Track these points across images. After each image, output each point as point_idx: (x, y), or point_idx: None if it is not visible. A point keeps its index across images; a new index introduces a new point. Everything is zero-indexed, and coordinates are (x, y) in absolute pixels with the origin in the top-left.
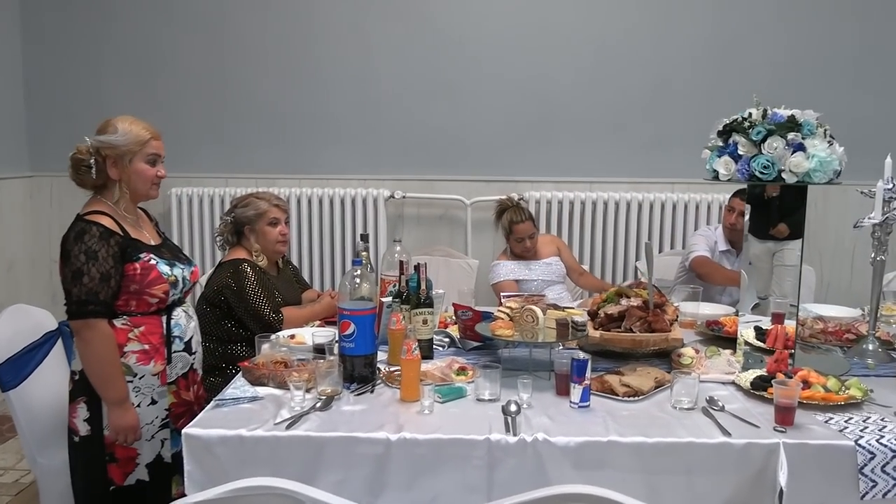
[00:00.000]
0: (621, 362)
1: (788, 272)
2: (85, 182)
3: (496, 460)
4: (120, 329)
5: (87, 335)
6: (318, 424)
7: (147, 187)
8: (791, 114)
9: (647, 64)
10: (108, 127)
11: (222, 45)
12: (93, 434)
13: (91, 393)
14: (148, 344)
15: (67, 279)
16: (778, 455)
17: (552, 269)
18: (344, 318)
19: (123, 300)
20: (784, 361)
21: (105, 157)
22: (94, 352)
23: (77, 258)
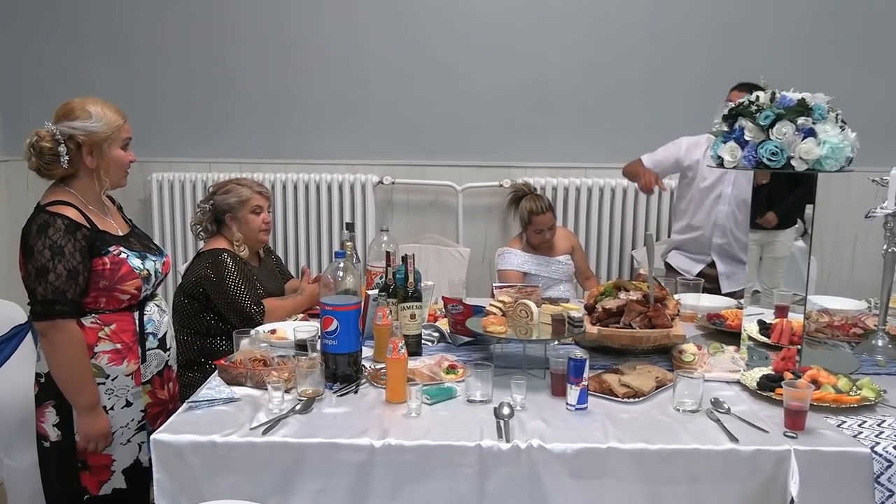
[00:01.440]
0: (620, 359)
1: (779, 264)
2: (52, 172)
3: (488, 468)
4: (89, 328)
5: (55, 337)
6: (297, 429)
7: (122, 174)
8: (801, 97)
9: (643, 47)
10: (78, 112)
11: (204, 24)
12: (63, 440)
13: (60, 397)
14: (120, 343)
15: (31, 277)
16: (789, 463)
17: (563, 268)
18: (326, 314)
19: (92, 297)
20: (791, 359)
21: (79, 144)
22: (62, 355)
23: (41, 254)
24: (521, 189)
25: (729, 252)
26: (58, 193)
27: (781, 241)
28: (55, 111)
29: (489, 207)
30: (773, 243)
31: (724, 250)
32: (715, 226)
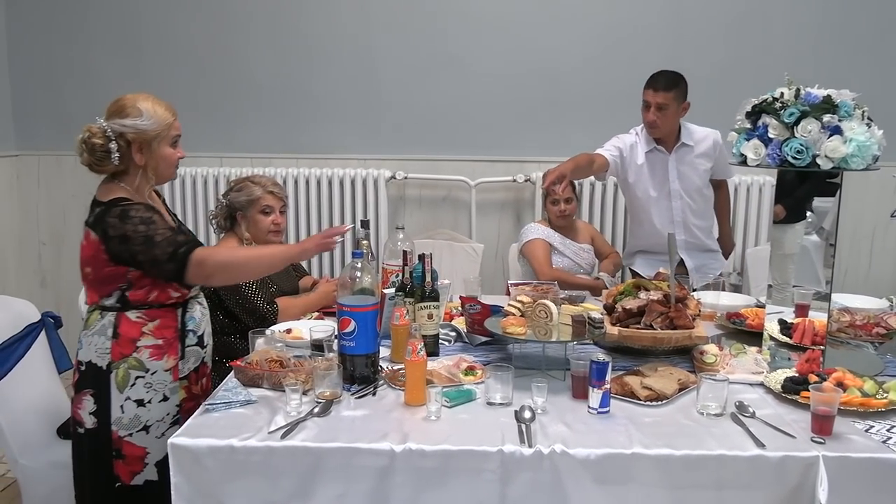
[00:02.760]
0: (640, 360)
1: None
2: (103, 168)
3: (510, 474)
4: (134, 322)
5: (210, 268)
6: (315, 433)
7: (172, 171)
8: (827, 94)
9: (658, 39)
10: (129, 109)
11: (216, 19)
12: (99, 427)
13: (99, 385)
14: (162, 339)
15: (143, 254)
16: (817, 469)
17: (585, 255)
18: (344, 315)
19: (145, 291)
20: (816, 361)
21: (130, 141)
22: (232, 265)
23: (136, 232)
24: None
25: (695, 244)
26: (114, 191)
27: (790, 237)
28: (107, 107)
29: (503, 203)
30: (780, 239)
31: (690, 244)
32: (674, 224)
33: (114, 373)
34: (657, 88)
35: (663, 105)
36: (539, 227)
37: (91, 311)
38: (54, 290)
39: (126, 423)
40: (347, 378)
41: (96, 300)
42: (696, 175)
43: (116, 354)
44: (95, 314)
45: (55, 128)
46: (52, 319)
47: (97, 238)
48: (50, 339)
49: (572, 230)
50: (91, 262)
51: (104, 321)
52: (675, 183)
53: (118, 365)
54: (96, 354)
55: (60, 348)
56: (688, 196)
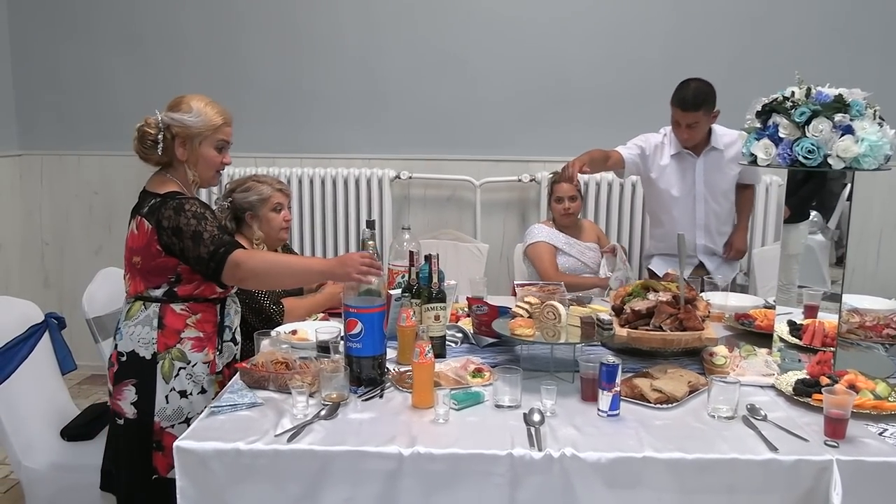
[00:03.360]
0: (649, 361)
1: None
2: (149, 157)
3: (519, 477)
4: (178, 314)
5: (245, 271)
6: (322, 436)
7: (211, 174)
8: (838, 93)
9: (665, 38)
10: (182, 104)
11: (220, 19)
12: (140, 418)
13: (142, 375)
14: (203, 332)
15: (190, 249)
16: (831, 473)
17: (591, 254)
18: (350, 317)
19: (193, 286)
20: (827, 363)
21: (174, 135)
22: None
23: (188, 225)
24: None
25: (713, 249)
26: (167, 184)
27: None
28: (168, 102)
29: (507, 202)
30: (786, 239)
31: (710, 248)
32: (696, 227)
33: (160, 363)
34: (686, 108)
35: (693, 124)
36: (543, 228)
37: (133, 302)
38: (57, 291)
39: (169, 415)
40: (354, 380)
41: (141, 290)
42: (724, 180)
43: (162, 345)
44: (138, 305)
45: (58, 127)
46: (56, 320)
47: (151, 228)
48: (53, 341)
49: (577, 229)
50: (142, 252)
51: (148, 312)
52: (701, 186)
53: (164, 356)
54: (140, 344)
55: (64, 349)
56: (713, 200)
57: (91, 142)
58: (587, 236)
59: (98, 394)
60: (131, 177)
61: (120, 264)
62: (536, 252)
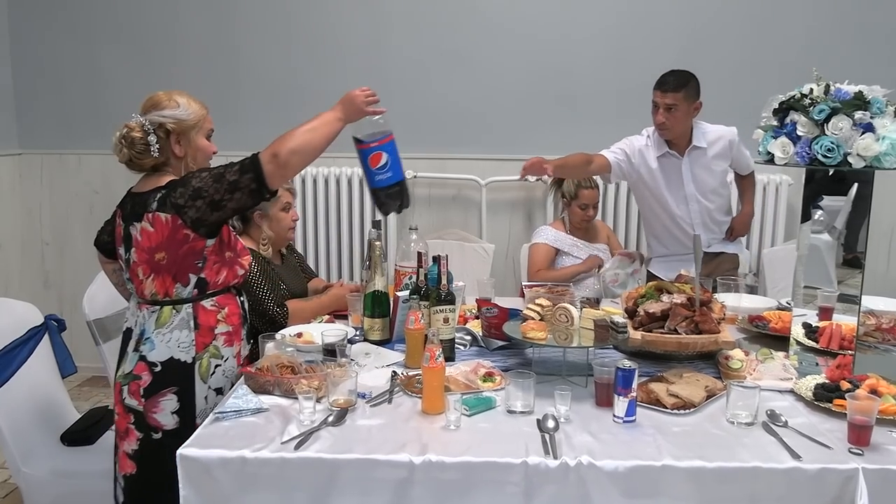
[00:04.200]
0: (663, 365)
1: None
2: (143, 162)
3: (534, 487)
4: (210, 310)
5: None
6: (330, 444)
7: (207, 163)
8: (858, 90)
9: (672, 36)
10: (166, 102)
11: (221, 17)
12: (182, 425)
13: (182, 382)
14: (231, 325)
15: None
16: (856, 482)
17: (602, 256)
18: (374, 151)
19: (215, 269)
20: (847, 367)
21: (168, 132)
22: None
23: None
24: None
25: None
26: (163, 178)
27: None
28: (142, 104)
29: (513, 202)
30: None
31: (712, 242)
32: (693, 226)
33: (198, 364)
34: (665, 89)
35: (672, 106)
36: (549, 230)
37: (160, 308)
38: (57, 291)
39: (208, 414)
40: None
41: (170, 292)
42: (712, 177)
43: (200, 345)
44: (168, 310)
45: (58, 126)
46: (56, 323)
47: (170, 216)
48: (53, 344)
49: (590, 231)
50: (166, 246)
51: (182, 315)
52: (691, 186)
53: (201, 356)
54: (179, 349)
55: (64, 352)
56: (704, 198)
57: (91, 141)
58: (600, 237)
59: (99, 396)
60: (132, 176)
61: None
62: (531, 251)
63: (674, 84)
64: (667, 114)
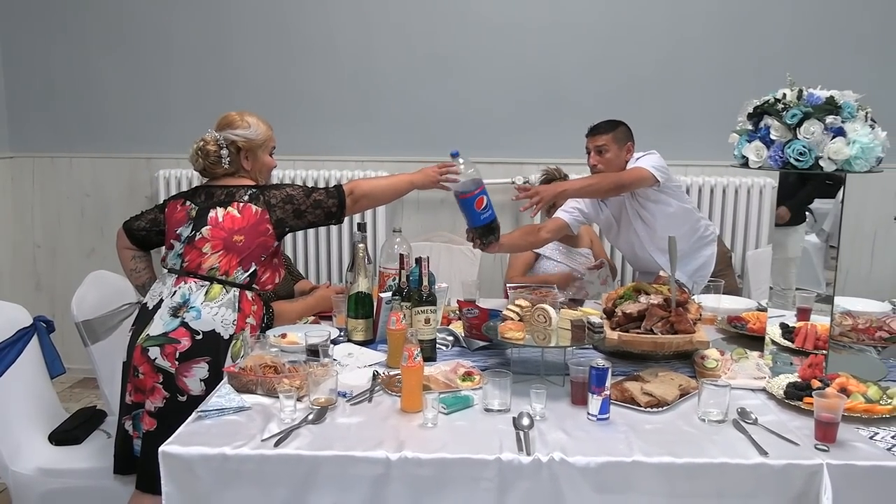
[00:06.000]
0: (640, 364)
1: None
2: (214, 170)
3: (508, 482)
4: (249, 301)
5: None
6: (310, 441)
7: (268, 176)
8: (830, 95)
9: (658, 41)
10: (239, 122)
11: (212, 21)
12: (205, 395)
13: (217, 354)
14: (255, 321)
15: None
16: (821, 477)
17: (583, 260)
18: (478, 196)
19: (262, 269)
20: (819, 366)
21: (239, 148)
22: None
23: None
24: (553, 173)
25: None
26: (240, 180)
27: (792, 240)
28: (218, 121)
29: (501, 205)
30: (783, 242)
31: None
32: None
33: (233, 343)
34: (595, 133)
35: (603, 148)
36: None
37: (211, 284)
38: (49, 293)
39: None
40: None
41: (230, 272)
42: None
43: (238, 327)
44: (218, 288)
45: (50, 130)
46: (45, 324)
47: (260, 209)
48: (42, 344)
49: (572, 237)
50: (247, 231)
51: (230, 295)
52: (637, 221)
53: (238, 337)
54: (221, 325)
55: (52, 353)
56: (648, 224)
57: (83, 144)
58: (582, 242)
59: (90, 397)
60: (123, 179)
61: (113, 266)
62: (511, 255)
63: (604, 128)
64: (598, 157)
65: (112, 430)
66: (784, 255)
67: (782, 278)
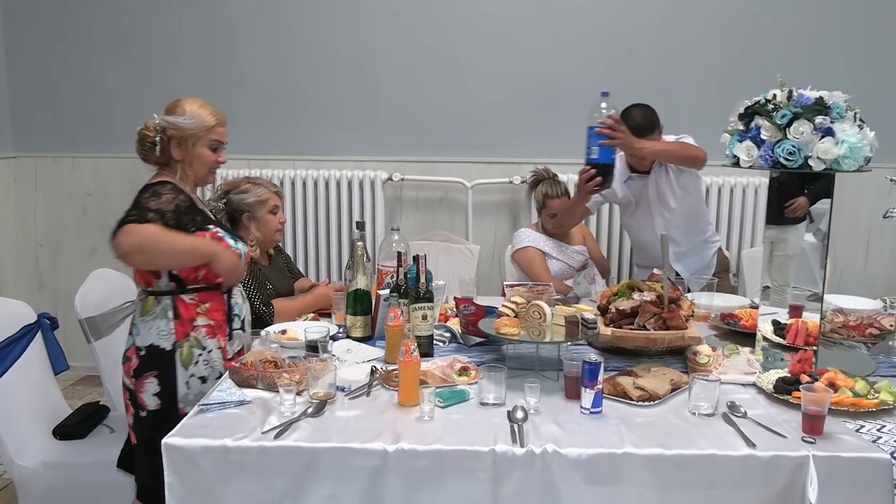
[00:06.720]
0: (633, 360)
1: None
2: (149, 158)
3: (502, 473)
4: (189, 304)
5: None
6: (309, 433)
7: (205, 172)
8: (819, 95)
9: (655, 42)
10: (177, 108)
11: (213, 22)
12: (162, 408)
13: (162, 367)
14: (213, 320)
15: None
16: (807, 468)
17: (579, 257)
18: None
19: (193, 267)
20: (808, 361)
21: (170, 137)
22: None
23: (142, 198)
24: (541, 174)
25: (683, 252)
26: (160, 175)
27: (793, 238)
28: (166, 105)
29: (499, 204)
30: (784, 240)
31: (683, 253)
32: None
33: (178, 352)
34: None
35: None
36: (531, 233)
37: (144, 298)
38: (52, 292)
39: (192, 399)
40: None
41: (150, 283)
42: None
43: (180, 334)
44: (150, 300)
45: (52, 130)
46: (49, 321)
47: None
48: (46, 341)
49: (566, 234)
50: None
51: (162, 305)
52: (656, 202)
53: (182, 344)
54: (158, 337)
55: (56, 350)
56: (668, 211)
57: (85, 144)
58: (575, 240)
59: (92, 394)
60: (125, 179)
61: (114, 265)
62: (527, 257)
63: (646, 127)
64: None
65: (115, 426)
66: (784, 252)
67: (781, 276)
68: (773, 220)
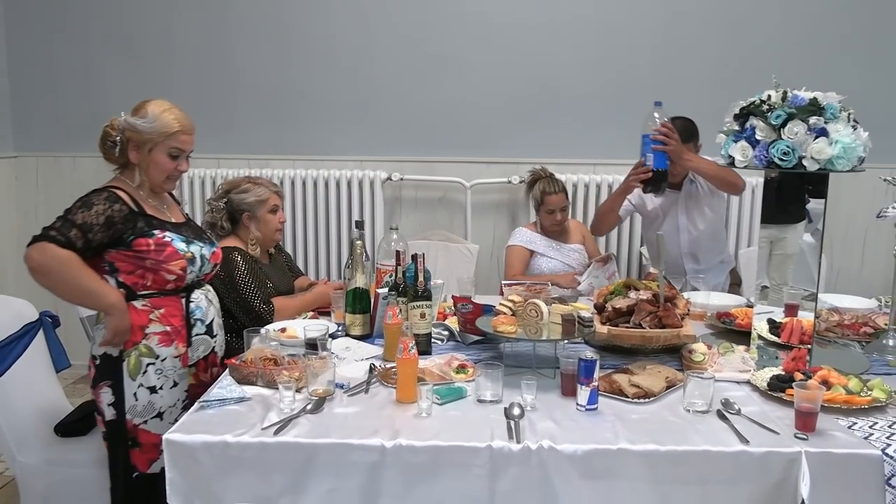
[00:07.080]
0: (629, 358)
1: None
2: (110, 157)
3: (498, 469)
4: (141, 310)
5: (37, 258)
6: (308, 429)
7: (160, 179)
8: (813, 96)
9: (652, 42)
10: (141, 109)
11: (214, 22)
12: (117, 419)
13: (115, 376)
14: (169, 326)
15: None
16: (800, 464)
17: (576, 256)
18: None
19: (139, 274)
20: (802, 359)
21: (129, 138)
22: (55, 276)
23: (74, 206)
24: (538, 173)
25: (701, 270)
26: (114, 181)
27: (792, 238)
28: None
29: (498, 204)
30: (783, 240)
31: (698, 271)
32: (682, 255)
33: (126, 361)
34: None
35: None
36: (524, 232)
37: None
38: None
39: (140, 411)
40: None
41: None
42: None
43: (129, 343)
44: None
45: (54, 129)
46: (51, 319)
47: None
48: (48, 339)
49: (564, 233)
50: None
51: None
52: (683, 218)
53: (129, 353)
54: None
55: (58, 347)
56: (694, 228)
57: (86, 143)
58: (573, 238)
59: None
60: None
61: None
62: (508, 254)
63: (686, 138)
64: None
65: None
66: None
67: (780, 275)
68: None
